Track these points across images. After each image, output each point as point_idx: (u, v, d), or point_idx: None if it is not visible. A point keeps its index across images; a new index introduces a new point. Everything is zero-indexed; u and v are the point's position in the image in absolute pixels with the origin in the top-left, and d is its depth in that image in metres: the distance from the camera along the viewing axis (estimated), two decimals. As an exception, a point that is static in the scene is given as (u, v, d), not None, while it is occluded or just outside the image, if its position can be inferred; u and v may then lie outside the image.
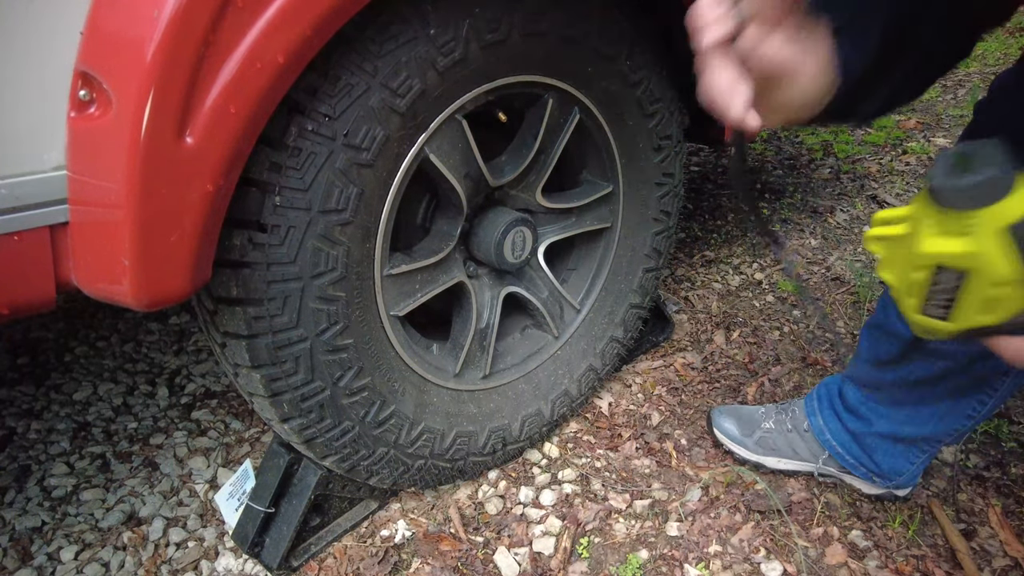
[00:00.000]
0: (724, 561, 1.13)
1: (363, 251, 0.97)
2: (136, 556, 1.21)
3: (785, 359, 1.63)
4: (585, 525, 1.21)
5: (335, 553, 1.18)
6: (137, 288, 0.72)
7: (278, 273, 0.88)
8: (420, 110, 0.94)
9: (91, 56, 0.67)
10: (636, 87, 1.22)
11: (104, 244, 0.71)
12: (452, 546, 1.18)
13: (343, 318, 0.96)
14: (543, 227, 1.30)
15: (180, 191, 0.71)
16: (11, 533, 1.26)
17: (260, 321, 0.89)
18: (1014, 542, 1.13)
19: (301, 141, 0.84)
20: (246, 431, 1.50)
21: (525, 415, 1.32)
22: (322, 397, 0.99)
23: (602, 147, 1.28)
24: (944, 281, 0.52)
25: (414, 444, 1.15)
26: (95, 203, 0.70)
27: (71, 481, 1.38)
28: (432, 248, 1.12)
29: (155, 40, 0.64)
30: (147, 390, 1.66)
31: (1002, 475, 1.27)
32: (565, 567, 1.13)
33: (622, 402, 1.52)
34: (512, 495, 1.29)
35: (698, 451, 1.37)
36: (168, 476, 1.39)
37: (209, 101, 0.69)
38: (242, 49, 0.69)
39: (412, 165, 0.99)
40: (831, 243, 2.29)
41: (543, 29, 1.03)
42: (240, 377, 0.97)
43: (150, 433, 1.51)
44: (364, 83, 0.86)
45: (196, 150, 0.70)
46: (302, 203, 0.86)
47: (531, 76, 1.08)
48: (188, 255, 0.75)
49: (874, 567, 1.11)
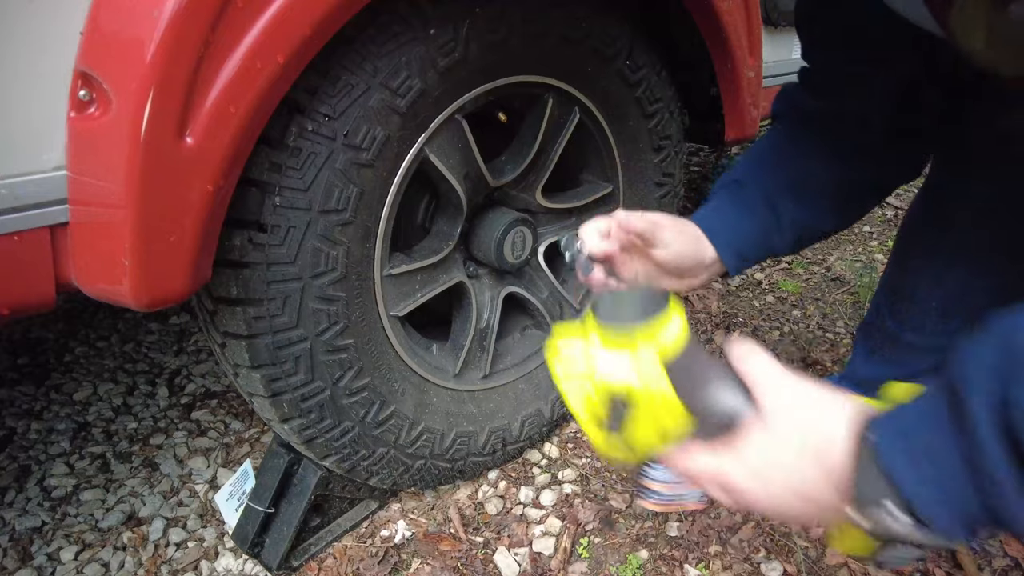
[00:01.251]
0: (724, 561, 1.13)
1: (363, 251, 0.96)
2: (136, 556, 1.21)
3: (785, 359, 1.63)
4: (585, 525, 1.21)
5: (335, 553, 1.18)
6: (137, 288, 0.72)
7: (278, 273, 0.88)
8: (420, 110, 0.94)
9: (91, 56, 0.67)
10: (636, 87, 1.21)
11: (104, 244, 0.71)
12: (452, 546, 1.18)
13: (343, 318, 0.96)
14: (543, 227, 1.30)
15: (180, 191, 0.71)
16: (11, 533, 1.26)
17: (260, 321, 0.89)
18: (1014, 542, 1.13)
19: (301, 141, 0.84)
20: (246, 431, 1.50)
21: (525, 415, 1.32)
22: (322, 397, 0.99)
23: (602, 147, 1.27)
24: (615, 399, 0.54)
25: (414, 444, 1.15)
26: (95, 203, 0.70)
27: (71, 481, 1.38)
28: (432, 248, 1.12)
29: (155, 40, 0.64)
30: (147, 390, 1.66)
31: (1002, 475, 1.27)
32: (565, 567, 1.13)
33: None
34: (512, 495, 1.29)
35: (698, 451, 1.37)
36: (168, 476, 1.38)
37: (209, 101, 0.69)
38: (242, 49, 0.69)
39: (412, 165, 0.99)
40: (831, 243, 2.29)
41: (543, 29, 1.03)
42: (240, 377, 0.97)
43: (150, 433, 1.51)
44: (364, 83, 0.86)
45: (196, 150, 0.70)
46: (302, 203, 0.86)
47: (531, 76, 1.08)
48: (188, 255, 0.75)
49: (874, 567, 1.11)
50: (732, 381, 0.55)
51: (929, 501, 0.44)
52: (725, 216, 0.87)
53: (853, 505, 0.47)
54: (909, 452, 0.45)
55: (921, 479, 0.44)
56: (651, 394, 0.53)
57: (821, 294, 1.95)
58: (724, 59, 1.23)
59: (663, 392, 0.53)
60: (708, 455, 0.55)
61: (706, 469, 0.55)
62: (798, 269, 2.14)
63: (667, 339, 0.53)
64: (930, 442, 0.44)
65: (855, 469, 0.47)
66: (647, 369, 0.53)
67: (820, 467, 0.49)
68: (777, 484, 0.51)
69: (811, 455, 0.49)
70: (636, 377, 0.53)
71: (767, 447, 0.52)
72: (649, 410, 0.54)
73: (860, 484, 0.47)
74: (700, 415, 0.54)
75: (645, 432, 0.55)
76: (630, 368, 0.53)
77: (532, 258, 1.27)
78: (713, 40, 1.21)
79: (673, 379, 0.53)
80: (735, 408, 0.53)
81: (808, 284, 2.04)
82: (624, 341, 0.54)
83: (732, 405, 0.53)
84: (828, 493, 0.49)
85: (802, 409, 0.51)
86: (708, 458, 0.55)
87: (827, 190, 0.88)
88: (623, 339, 0.54)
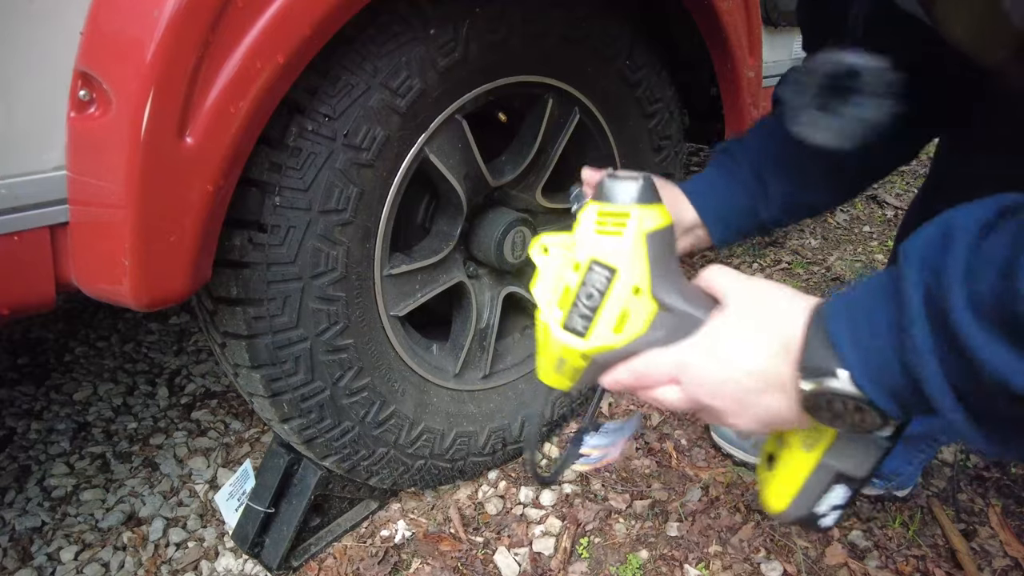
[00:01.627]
0: (724, 561, 1.13)
1: (363, 251, 0.96)
2: (136, 556, 1.21)
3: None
4: (585, 525, 1.21)
5: (335, 553, 1.18)
6: (137, 288, 0.72)
7: (278, 273, 0.88)
8: (420, 110, 0.94)
9: (91, 56, 0.67)
10: (636, 87, 1.21)
11: (104, 244, 0.71)
12: (452, 546, 1.18)
13: (343, 318, 0.96)
14: (543, 227, 1.30)
15: (180, 191, 0.71)
16: (11, 533, 1.26)
17: (260, 321, 0.89)
18: (1014, 542, 1.13)
19: (301, 141, 0.84)
20: (246, 431, 1.50)
21: (525, 415, 1.32)
22: (322, 397, 0.99)
23: (602, 147, 1.27)
24: (592, 282, 0.57)
25: (414, 444, 1.15)
26: (95, 203, 0.70)
27: (71, 481, 1.38)
28: (432, 248, 1.12)
29: (155, 40, 0.64)
30: (147, 390, 1.66)
31: (1002, 475, 1.27)
32: (565, 567, 1.13)
33: (622, 402, 1.52)
34: (512, 495, 1.29)
35: (698, 451, 1.37)
36: (168, 476, 1.38)
37: (209, 101, 0.69)
38: (242, 49, 0.69)
39: (412, 165, 0.99)
40: (831, 243, 2.29)
41: (543, 29, 1.03)
42: (240, 377, 0.97)
43: (150, 433, 1.51)
44: (364, 83, 0.86)
45: (196, 150, 0.70)
46: (302, 203, 0.86)
47: (531, 76, 1.08)
48: (188, 255, 0.75)
49: (874, 567, 1.11)
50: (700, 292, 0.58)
51: (862, 366, 0.46)
52: (711, 182, 0.88)
53: (802, 374, 0.49)
54: (852, 321, 0.48)
55: (857, 344, 0.46)
56: (629, 274, 0.56)
57: (821, 294, 1.95)
58: (724, 59, 1.23)
59: (641, 273, 0.56)
60: (665, 352, 0.56)
61: (662, 362, 0.56)
62: (798, 269, 2.14)
63: (652, 224, 0.56)
64: (871, 310, 0.47)
65: (805, 338, 0.49)
66: (631, 250, 0.55)
67: (777, 339, 0.51)
68: (734, 362, 0.52)
69: (769, 329, 0.52)
70: (619, 257, 0.56)
71: (726, 327, 0.54)
72: (622, 293, 0.56)
73: (810, 352, 0.49)
74: (666, 306, 0.56)
75: (610, 319, 0.57)
76: (616, 248, 0.56)
77: (532, 258, 1.27)
78: (713, 40, 1.21)
79: (651, 268, 0.56)
80: (698, 307, 0.56)
81: (808, 284, 2.04)
82: (615, 221, 0.56)
83: (697, 305, 0.56)
84: (782, 366, 0.51)
85: (763, 292, 0.55)
86: (665, 353, 0.56)
87: (817, 165, 0.87)
88: (615, 219, 0.56)
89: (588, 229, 0.58)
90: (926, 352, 0.42)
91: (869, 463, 0.54)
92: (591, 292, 0.57)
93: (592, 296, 0.57)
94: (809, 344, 0.49)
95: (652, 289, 0.56)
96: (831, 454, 0.55)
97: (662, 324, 0.57)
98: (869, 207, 2.39)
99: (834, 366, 0.47)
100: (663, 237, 0.56)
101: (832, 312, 0.49)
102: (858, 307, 0.48)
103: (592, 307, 0.57)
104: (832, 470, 0.55)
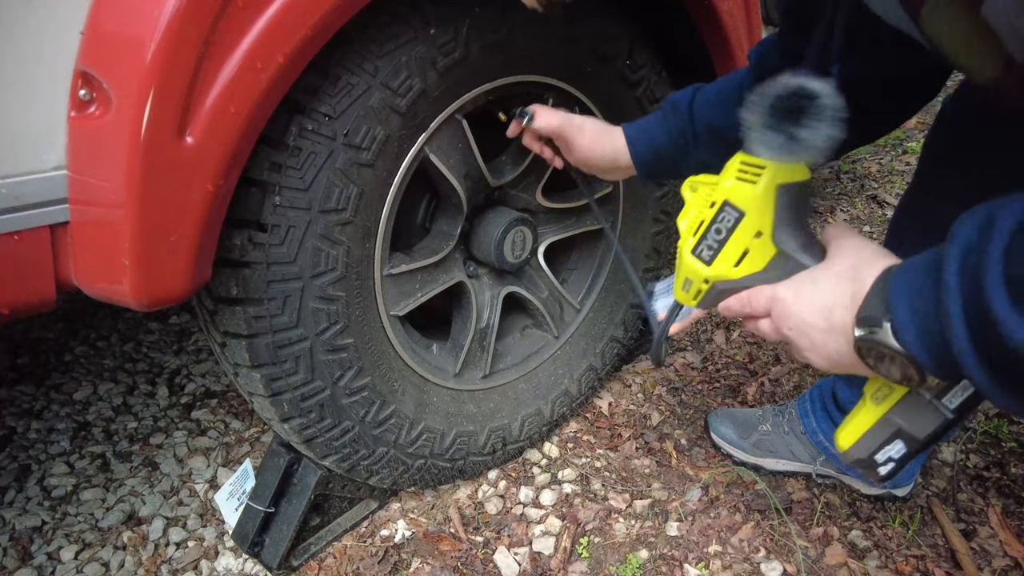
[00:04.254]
0: (724, 561, 1.13)
1: (363, 251, 0.97)
2: (136, 556, 1.21)
3: (785, 359, 1.63)
4: (585, 525, 1.21)
5: (335, 553, 1.18)
6: (137, 288, 0.72)
7: (278, 273, 0.88)
8: (420, 110, 0.94)
9: (91, 56, 0.67)
10: (636, 87, 1.22)
11: (104, 244, 0.71)
12: (452, 546, 1.18)
13: (343, 318, 0.96)
14: (543, 227, 1.30)
15: (180, 191, 0.71)
16: (11, 533, 1.26)
17: (260, 321, 0.89)
18: (1014, 542, 1.13)
19: (301, 141, 0.84)
20: (246, 431, 1.50)
21: (525, 415, 1.32)
22: (322, 397, 0.99)
23: (602, 147, 1.27)
24: (723, 220, 0.67)
25: (414, 444, 1.15)
26: (95, 203, 0.70)
27: (71, 481, 1.38)
28: (432, 248, 1.12)
29: (155, 40, 0.64)
30: (147, 390, 1.66)
31: (1002, 475, 1.27)
32: (565, 567, 1.14)
33: (622, 402, 1.52)
34: (512, 495, 1.29)
35: (698, 451, 1.37)
36: (168, 476, 1.39)
37: (209, 101, 0.69)
38: (242, 49, 0.69)
39: (412, 165, 0.99)
40: (831, 243, 2.28)
41: (543, 29, 1.03)
42: (240, 377, 0.97)
43: (150, 433, 1.51)
44: (364, 83, 0.86)
45: (196, 150, 0.70)
46: (302, 203, 0.86)
47: (531, 76, 1.08)
48: (188, 255, 0.75)
49: (874, 567, 1.11)
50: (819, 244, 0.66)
51: (905, 322, 0.53)
52: (647, 121, 1.01)
53: (856, 323, 0.57)
54: (906, 282, 0.54)
55: (905, 303, 0.53)
56: (755, 219, 0.65)
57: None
58: (724, 59, 1.23)
59: (765, 220, 0.64)
60: (768, 287, 0.66)
61: (763, 295, 0.66)
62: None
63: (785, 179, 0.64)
64: (922, 275, 0.53)
65: (868, 293, 0.57)
66: (760, 197, 0.64)
67: (849, 291, 0.59)
68: (814, 305, 0.61)
69: (848, 281, 0.60)
70: (749, 202, 0.65)
71: (819, 274, 0.63)
72: (746, 234, 0.65)
73: (867, 304, 0.57)
74: (783, 251, 0.65)
75: (731, 254, 0.67)
76: (748, 194, 0.65)
77: (532, 258, 1.27)
78: (713, 40, 1.21)
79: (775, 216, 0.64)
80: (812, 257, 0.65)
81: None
82: (753, 171, 0.65)
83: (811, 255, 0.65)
84: (846, 315, 0.58)
85: (860, 250, 0.62)
86: (768, 289, 0.66)
87: None
88: (754, 169, 0.65)
89: (730, 175, 0.67)
90: (956, 318, 0.48)
91: (929, 428, 0.60)
92: (720, 228, 0.67)
93: (720, 232, 0.67)
94: (869, 298, 0.57)
95: (773, 235, 0.65)
96: (896, 410, 0.62)
97: (776, 266, 0.66)
98: (869, 207, 2.38)
99: (882, 319, 0.54)
100: (794, 191, 0.64)
101: (895, 273, 0.56)
102: (913, 271, 0.54)
103: (719, 240, 0.67)
104: (894, 424, 0.62)
